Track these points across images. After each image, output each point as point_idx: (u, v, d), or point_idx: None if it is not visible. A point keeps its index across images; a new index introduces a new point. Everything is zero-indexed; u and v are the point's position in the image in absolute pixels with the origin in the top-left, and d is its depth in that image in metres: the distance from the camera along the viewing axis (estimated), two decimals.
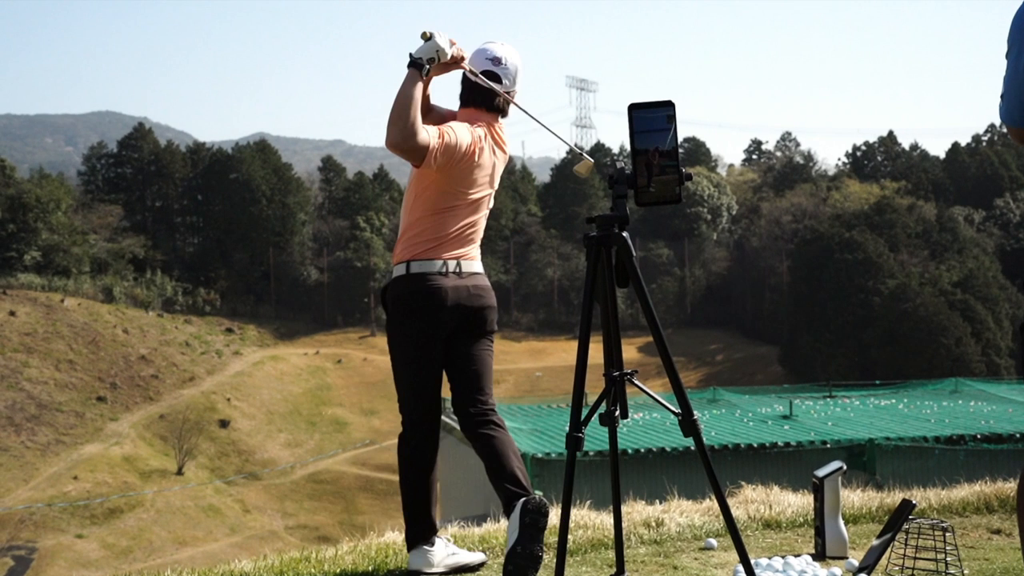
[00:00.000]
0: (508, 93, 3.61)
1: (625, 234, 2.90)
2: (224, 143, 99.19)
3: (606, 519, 4.48)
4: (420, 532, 3.64)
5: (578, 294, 78.64)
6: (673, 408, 3.00)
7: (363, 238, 78.81)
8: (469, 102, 3.64)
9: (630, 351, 49.03)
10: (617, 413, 3.05)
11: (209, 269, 78.95)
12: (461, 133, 3.44)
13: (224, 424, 56.51)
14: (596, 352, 2.84)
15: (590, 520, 4.49)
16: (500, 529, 4.46)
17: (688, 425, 2.92)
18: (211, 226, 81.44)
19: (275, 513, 48.56)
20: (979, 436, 16.87)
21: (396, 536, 4.42)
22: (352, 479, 52.49)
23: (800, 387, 32.18)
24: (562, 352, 66.69)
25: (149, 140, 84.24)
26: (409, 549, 3.66)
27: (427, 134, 3.34)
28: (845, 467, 4.02)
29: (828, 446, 16.35)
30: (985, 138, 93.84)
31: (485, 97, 3.61)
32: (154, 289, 72.20)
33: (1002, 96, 2.54)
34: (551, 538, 3.64)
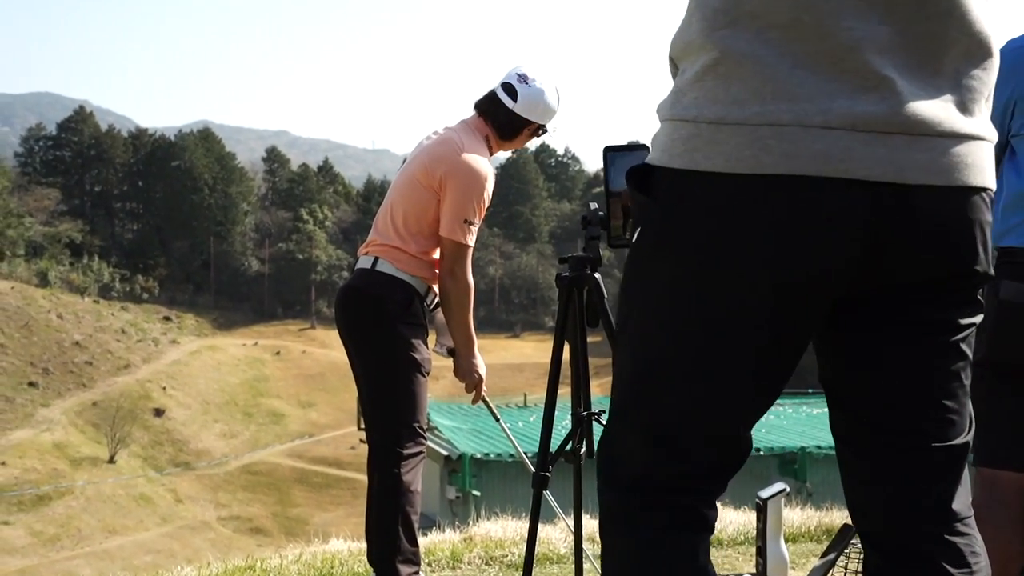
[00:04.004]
0: (519, 117, 3.39)
1: (597, 275, 2.92)
2: (167, 129, 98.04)
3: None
4: (416, 555, 3.35)
5: (519, 293, 79.15)
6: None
7: (306, 230, 78.48)
8: (486, 114, 3.43)
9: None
10: (583, 451, 3.01)
11: (148, 256, 78.00)
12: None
13: (159, 413, 55.96)
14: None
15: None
16: (446, 540, 4.44)
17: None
18: (151, 213, 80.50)
19: (208, 504, 48.25)
20: None
21: (341, 545, 4.39)
22: (287, 471, 52.32)
23: None
24: (502, 351, 67.09)
25: (90, 124, 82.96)
26: None
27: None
28: (788, 488, 4.16)
29: (761, 453, 16.62)
30: None
31: (499, 117, 3.41)
32: (91, 275, 71.15)
33: None
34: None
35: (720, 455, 1.46)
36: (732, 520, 4.94)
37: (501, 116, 3.40)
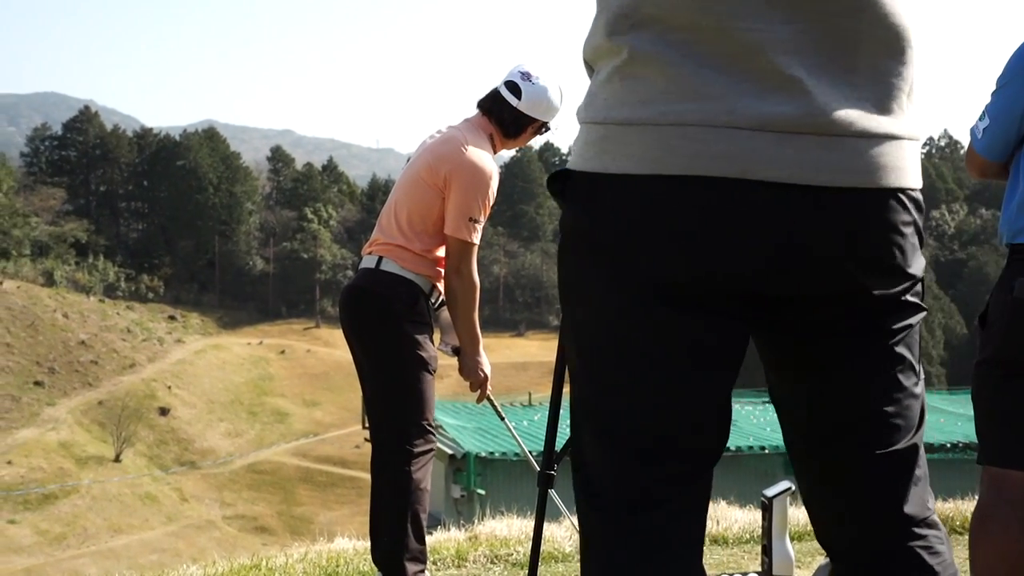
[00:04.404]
0: (523, 114, 3.40)
1: None
2: (172, 129, 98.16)
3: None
4: (423, 554, 3.35)
5: (523, 292, 79.14)
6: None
7: (310, 229, 78.55)
8: (490, 112, 3.44)
9: None
10: None
11: (153, 256, 78.14)
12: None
13: (164, 412, 56.07)
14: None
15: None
16: (451, 539, 4.44)
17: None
18: (156, 212, 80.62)
19: (213, 502, 48.35)
20: None
21: (347, 543, 4.38)
22: (292, 470, 52.40)
23: (739, 392, 32.69)
24: (506, 349, 67.13)
25: (95, 123, 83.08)
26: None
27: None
28: (793, 487, 4.09)
29: (766, 452, 16.62)
30: (923, 151, 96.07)
31: (503, 115, 3.42)
32: (96, 274, 71.30)
33: (984, 129, 2.50)
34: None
35: (677, 456, 1.35)
36: (738, 519, 4.92)
37: (505, 114, 3.41)
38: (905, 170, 1.31)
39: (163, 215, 79.54)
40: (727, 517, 4.95)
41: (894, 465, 1.39)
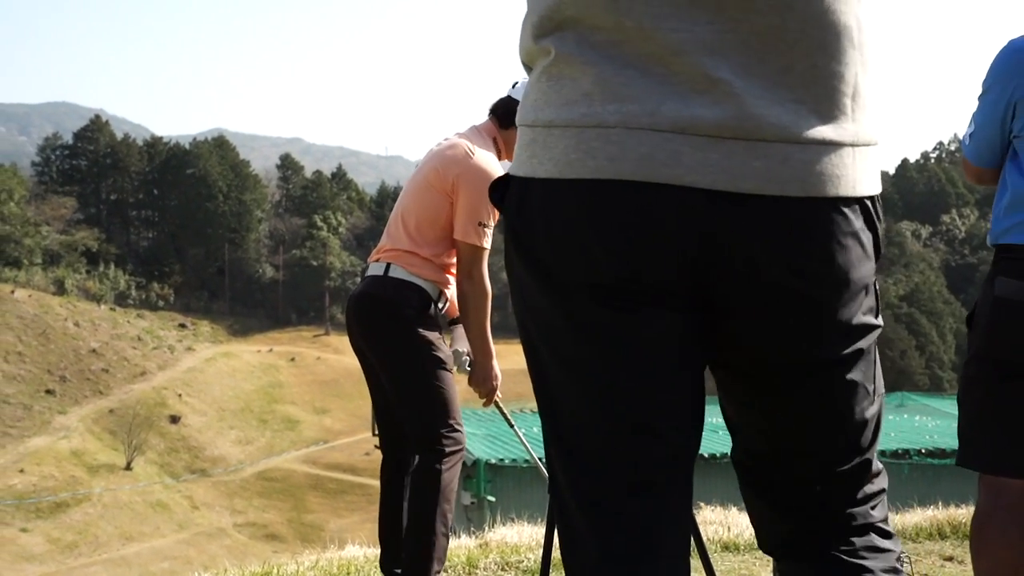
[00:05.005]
0: (515, 100, 3.39)
1: None
2: (181, 138, 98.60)
3: None
4: (444, 554, 3.35)
5: None
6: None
7: (320, 237, 78.70)
8: (494, 111, 3.49)
9: None
10: None
11: (163, 264, 78.40)
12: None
13: (175, 420, 56.20)
14: None
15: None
16: (462, 546, 4.41)
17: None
18: (166, 221, 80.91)
19: (224, 510, 48.40)
20: (923, 451, 17.09)
21: (357, 551, 4.37)
22: (302, 477, 52.44)
23: None
24: (516, 355, 66.46)
25: (105, 132, 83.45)
26: None
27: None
28: None
29: None
30: (933, 155, 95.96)
31: (499, 107, 3.48)
32: (107, 282, 71.54)
33: (970, 135, 2.50)
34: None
35: (625, 462, 1.29)
36: (748, 525, 4.83)
37: (501, 105, 3.45)
38: (843, 177, 1.22)
39: (173, 223, 79.81)
40: (737, 524, 4.93)
41: (842, 481, 1.35)
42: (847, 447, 1.34)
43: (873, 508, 1.37)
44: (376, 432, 3.62)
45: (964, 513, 5.08)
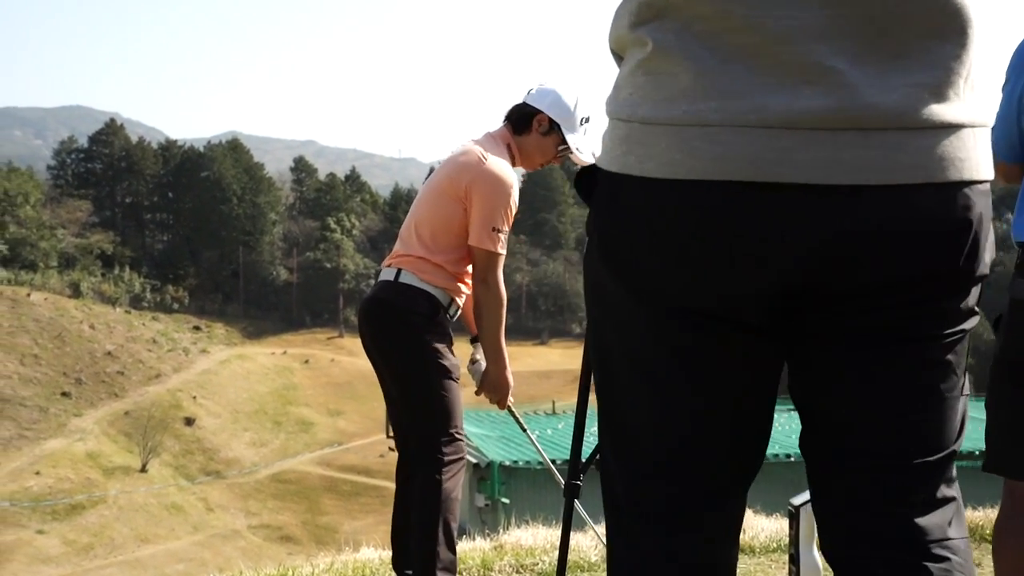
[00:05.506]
0: (528, 105, 3.41)
1: None
2: (196, 141, 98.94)
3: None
4: (454, 564, 3.34)
5: (546, 300, 79.07)
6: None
7: (333, 239, 78.86)
8: (508, 117, 3.48)
9: None
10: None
11: (178, 266, 78.69)
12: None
13: (189, 422, 56.35)
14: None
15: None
16: (476, 548, 4.42)
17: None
18: (181, 224, 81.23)
19: (238, 512, 48.50)
20: None
21: (372, 553, 4.37)
22: (317, 479, 52.51)
23: None
24: (529, 358, 67.04)
25: (120, 136, 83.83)
26: None
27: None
28: None
29: (793, 460, 16.50)
30: None
31: (513, 112, 3.46)
32: (122, 285, 71.84)
33: (992, 128, 2.61)
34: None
35: (692, 477, 1.30)
36: (764, 527, 4.89)
37: (515, 111, 3.44)
38: (967, 160, 1.19)
39: (188, 226, 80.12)
40: (754, 526, 4.92)
41: (915, 480, 1.27)
42: (931, 435, 1.28)
43: (949, 523, 1.28)
44: (390, 434, 3.62)
45: (980, 516, 5.06)
